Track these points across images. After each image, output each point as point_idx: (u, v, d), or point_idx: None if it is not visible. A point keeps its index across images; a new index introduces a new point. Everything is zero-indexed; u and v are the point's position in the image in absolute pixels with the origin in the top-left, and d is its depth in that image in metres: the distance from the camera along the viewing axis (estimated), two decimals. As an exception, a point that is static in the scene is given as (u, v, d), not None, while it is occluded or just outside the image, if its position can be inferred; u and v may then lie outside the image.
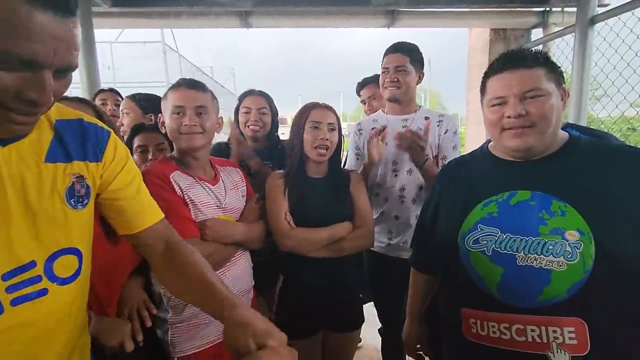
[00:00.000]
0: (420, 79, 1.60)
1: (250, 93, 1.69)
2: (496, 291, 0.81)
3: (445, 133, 1.53)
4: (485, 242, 0.83)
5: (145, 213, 0.76)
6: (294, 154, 1.31)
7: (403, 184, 1.55)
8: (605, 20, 2.00)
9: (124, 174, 0.72)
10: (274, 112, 1.70)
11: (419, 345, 1.18)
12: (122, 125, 1.76)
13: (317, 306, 1.28)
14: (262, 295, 1.40)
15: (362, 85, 2.17)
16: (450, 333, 0.94)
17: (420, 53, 1.58)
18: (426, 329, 1.15)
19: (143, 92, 1.89)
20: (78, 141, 0.64)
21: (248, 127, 1.62)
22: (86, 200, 0.65)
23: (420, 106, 1.63)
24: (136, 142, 1.39)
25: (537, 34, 2.68)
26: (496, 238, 0.82)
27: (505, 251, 0.80)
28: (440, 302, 1.02)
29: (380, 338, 1.92)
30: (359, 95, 2.19)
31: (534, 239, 0.77)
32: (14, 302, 0.54)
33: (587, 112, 2.14)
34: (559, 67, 0.84)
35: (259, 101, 1.65)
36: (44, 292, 0.58)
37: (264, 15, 2.45)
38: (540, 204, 0.79)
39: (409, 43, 1.59)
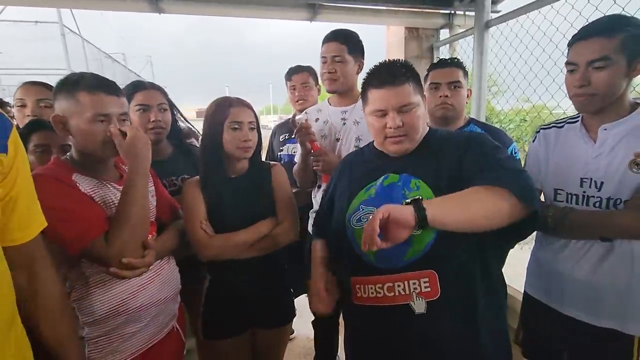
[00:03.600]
0: (360, 67, 1.56)
1: (141, 86, 1.42)
2: (373, 259, 0.97)
3: None
4: (365, 219, 0.99)
5: (31, 224, 0.69)
6: (210, 155, 1.23)
7: None
8: (497, 25, 2.27)
9: (24, 171, 0.66)
10: (173, 109, 1.51)
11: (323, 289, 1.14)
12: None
13: (244, 305, 1.26)
14: (188, 295, 1.32)
15: (294, 71, 2.11)
16: (346, 303, 1.08)
17: (359, 41, 1.55)
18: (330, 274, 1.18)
19: (39, 79, 1.60)
20: None
21: (148, 130, 1.39)
22: None
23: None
24: (34, 140, 1.20)
25: (445, 34, 2.93)
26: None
27: None
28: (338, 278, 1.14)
29: (313, 329, 1.97)
30: (289, 81, 2.13)
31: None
32: None
33: (487, 105, 2.42)
34: (419, 78, 1.05)
35: (155, 96, 1.42)
36: None
37: (176, 0, 2.27)
38: (403, 183, 0.98)
39: (347, 30, 1.54)
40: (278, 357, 1.43)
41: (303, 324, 2.04)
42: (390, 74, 1.00)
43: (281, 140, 2.15)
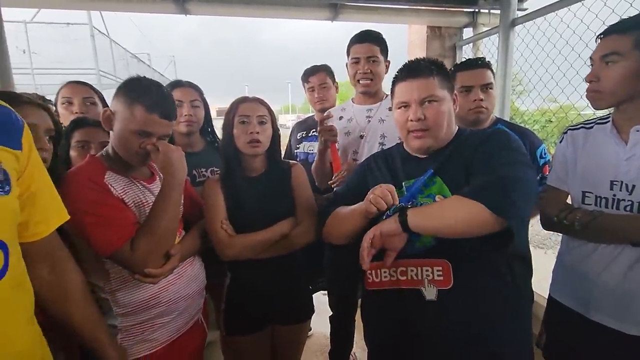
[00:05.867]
0: (387, 67, 1.59)
1: (178, 84, 1.55)
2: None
3: None
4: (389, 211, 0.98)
5: (50, 218, 0.72)
6: (227, 153, 1.26)
7: None
8: (524, 23, 2.21)
9: (39, 168, 0.69)
10: (206, 106, 1.60)
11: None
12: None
13: (264, 302, 1.28)
14: (210, 292, 1.37)
15: (311, 72, 2.10)
16: (362, 289, 1.12)
17: (385, 41, 1.58)
18: None
19: (72, 79, 1.69)
20: None
21: (180, 122, 1.50)
22: (8, 187, 0.59)
23: (387, 95, 1.62)
24: (76, 136, 1.27)
25: (468, 32, 2.88)
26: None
27: None
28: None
29: (330, 325, 1.98)
30: (307, 82, 2.12)
31: (416, 202, 0.98)
32: None
33: (511, 105, 2.37)
34: (449, 76, 1.04)
35: (189, 93, 1.53)
36: None
37: (202, 2, 2.33)
38: (424, 181, 0.99)
39: (375, 31, 1.57)
40: (297, 353, 1.44)
41: (320, 322, 2.05)
42: (415, 67, 1.01)
43: (298, 138, 2.17)
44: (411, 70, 1.01)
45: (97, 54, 8.18)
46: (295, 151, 2.15)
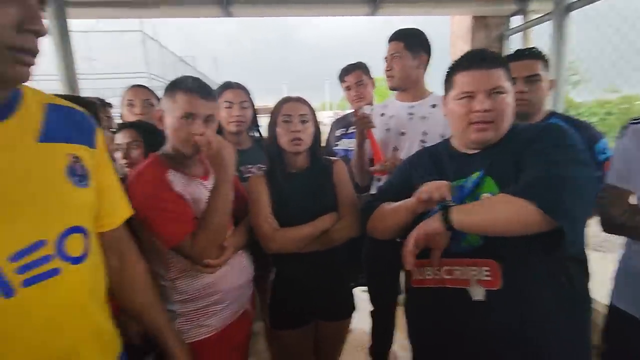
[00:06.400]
0: (422, 63, 1.57)
1: (229, 86, 1.64)
2: None
3: None
4: (434, 210, 0.96)
5: (116, 212, 0.79)
6: (271, 150, 1.31)
7: None
8: (581, 8, 2.05)
9: (109, 166, 0.76)
10: (254, 106, 1.68)
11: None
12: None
13: (307, 297, 1.31)
14: (256, 285, 1.42)
15: (347, 71, 2.13)
16: (406, 286, 1.12)
17: (419, 36, 1.56)
18: None
19: (126, 83, 1.87)
20: (71, 125, 0.66)
21: (230, 122, 1.59)
22: (87, 181, 0.66)
23: (431, 92, 1.62)
24: (119, 138, 1.41)
25: (516, 21, 2.72)
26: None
27: None
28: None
29: (371, 320, 1.98)
30: (344, 82, 2.15)
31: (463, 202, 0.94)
32: (27, 283, 0.54)
33: (565, 96, 2.21)
34: (509, 69, 0.99)
35: (239, 94, 1.62)
36: (55, 272, 0.58)
37: (245, 4, 2.41)
38: (474, 180, 0.95)
39: (406, 28, 1.58)
40: (338, 349, 1.47)
41: (360, 318, 2.06)
42: (481, 56, 0.96)
43: (337, 135, 2.18)
44: (477, 59, 0.96)
45: (147, 57, 8.74)
46: (335, 148, 2.17)
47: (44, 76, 2.04)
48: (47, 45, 2.07)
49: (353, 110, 2.15)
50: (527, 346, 0.87)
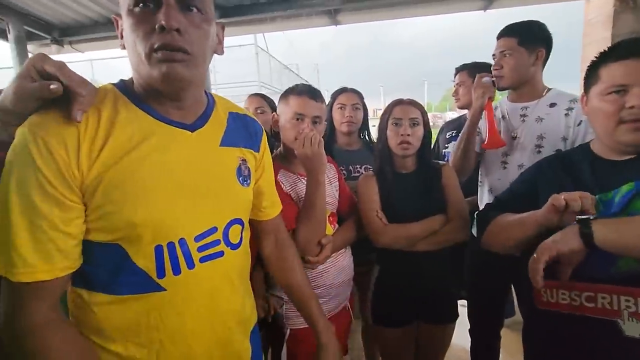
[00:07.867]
0: (539, 58, 1.41)
1: (343, 90, 1.78)
2: None
3: (578, 125, 1.34)
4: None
5: (275, 204, 0.92)
6: (381, 151, 1.35)
7: (510, 178, 1.38)
8: None
9: (269, 166, 0.88)
10: (365, 109, 1.77)
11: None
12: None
13: (411, 296, 1.31)
14: (356, 283, 1.47)
15: (457, 70, 2.07)
16: (524, 303, 1.00)
17: (537, 29, 1.41)
18: None
19: (238, 92, 2.12)
20: (243, 131, 0.80)
21: (342, 123, 1.70)
22: (249, 181, 0.79)
23: (548, 89, 1.45)
24: None
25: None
26: None
27: None
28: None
29: (470, 339, 1.85)
30: (454, 81, 2.10)
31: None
32: (202, 260, 0.68)
33: None
34: None
35: (352, 97, 1.73)
36: (220, 254, 0.71)
37: (352, 12, 2.49)
38: (626, 194, 0.81)
39: (520, 22, 1.43)
40: (439, 355, 1.43)
41: (458, 333, 1.94)
42: (636, 45, 0.83)
43: (447, 137, 2.10)
44: (633, 48, 0.82)
45: (259, 68, 9.76)
46: (444, 150, 2.10)
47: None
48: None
49: (457, 112, 2.05)
50: None
